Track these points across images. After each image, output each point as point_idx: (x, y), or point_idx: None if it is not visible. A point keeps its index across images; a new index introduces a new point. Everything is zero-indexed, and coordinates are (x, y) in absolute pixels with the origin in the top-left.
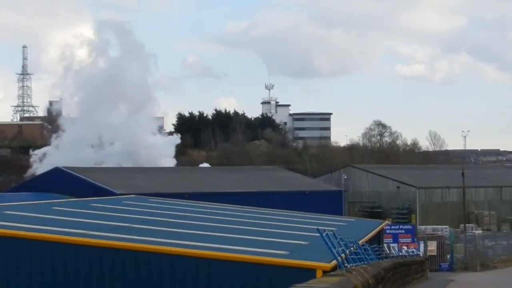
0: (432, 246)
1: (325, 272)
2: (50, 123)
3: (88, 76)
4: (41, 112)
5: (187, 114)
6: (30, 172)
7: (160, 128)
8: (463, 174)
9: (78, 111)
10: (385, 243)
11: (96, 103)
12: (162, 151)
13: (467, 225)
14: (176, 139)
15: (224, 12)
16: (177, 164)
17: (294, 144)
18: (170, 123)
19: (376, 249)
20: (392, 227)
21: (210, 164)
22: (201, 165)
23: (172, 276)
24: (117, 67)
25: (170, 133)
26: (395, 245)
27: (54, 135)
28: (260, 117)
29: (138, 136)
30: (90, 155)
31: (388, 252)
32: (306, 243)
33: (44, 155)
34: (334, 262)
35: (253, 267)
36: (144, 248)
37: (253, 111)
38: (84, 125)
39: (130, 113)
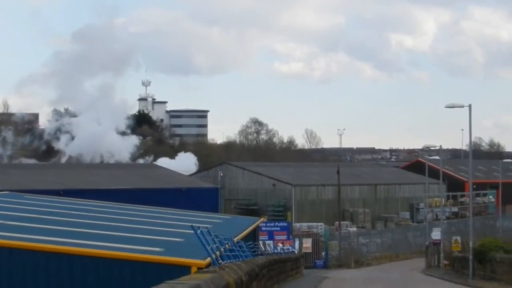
0: (307, 243)
1: (200, 269)
2: None
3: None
4: None
5: (62, 110)
6: None
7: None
8: (338, 172)
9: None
10: (261, 240)
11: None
12: (122, 149)
13: (342, 222)
14: (135, 140)
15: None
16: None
17: (171, 141)
18: (45, 120)
19: (251, 246)
20: (268, 224)
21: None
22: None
23: (48, 273)
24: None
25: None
26: (271, 242)
27: None
28: (136, 113)
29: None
30: None
31: (263, 249)
32: (181, 240)
33: None
34: (208, 259)
35: (129, 264)
36: (17, 245)
37: (130, 108)
38: None
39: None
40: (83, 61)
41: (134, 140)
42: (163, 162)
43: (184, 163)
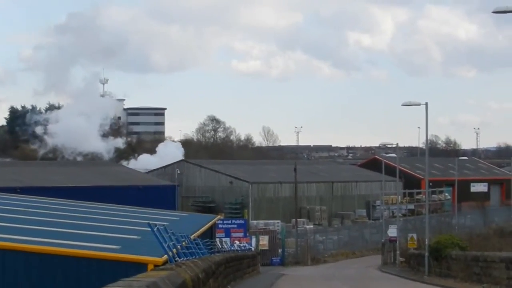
0: (264, 241)
1: (156, 266)
2: None
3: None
4: None
5: (20, 108)
6: None
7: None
8: (295, 169)
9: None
10: (218, 237)
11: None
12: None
13: (298, 219)
14: (119, 142)
15: (60, 6)
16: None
17: (129, 139)
18: (1, 117)
19: (208, 243)
20: (225, 221)
21: (44, 159)
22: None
23: (3, 270)
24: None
25: None
26: (228, 239)
27: None
28: None
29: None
30: None
31: (220, 246)
32: (138, 237)
33: None
34: (165, 256)
35: (85, 262)
36: None
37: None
38: None
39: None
40: (61, 54)
41: (117, 142)
42: (144, 158)
43: (166, 157)
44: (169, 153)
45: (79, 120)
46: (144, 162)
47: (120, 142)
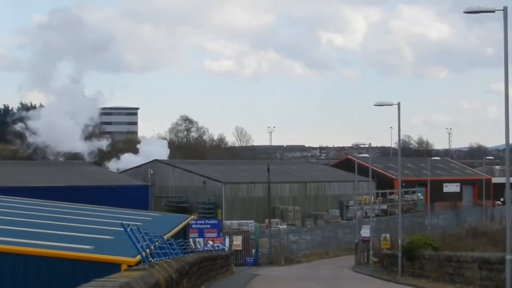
0: (238, 241)
1: (130, 267)
2: None
3: None
4: None
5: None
6: None
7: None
8: (268, 169)
9: None
10: (191, 237)
11: None
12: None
13: (272, 220)
14: (102, 142)
15: (30, 5)
16: None
17: (105, 139)
18: None
19: (181, 243)
20: (198, 221)
21: (18, 159)
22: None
23: None
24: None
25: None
26: (201, 239)
27: None
28: None
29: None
30: None
31: (193, 246)
32: (112, 237)
33: None
34: (138, 256)
35: (58, 262)
36: None
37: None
38: None
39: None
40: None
41: (101, 144)
42: (127, 158)
43: (150, 157)
44: (153, 152)
45: (63, 119)
46: (127, 162)
47: (104, 144)
